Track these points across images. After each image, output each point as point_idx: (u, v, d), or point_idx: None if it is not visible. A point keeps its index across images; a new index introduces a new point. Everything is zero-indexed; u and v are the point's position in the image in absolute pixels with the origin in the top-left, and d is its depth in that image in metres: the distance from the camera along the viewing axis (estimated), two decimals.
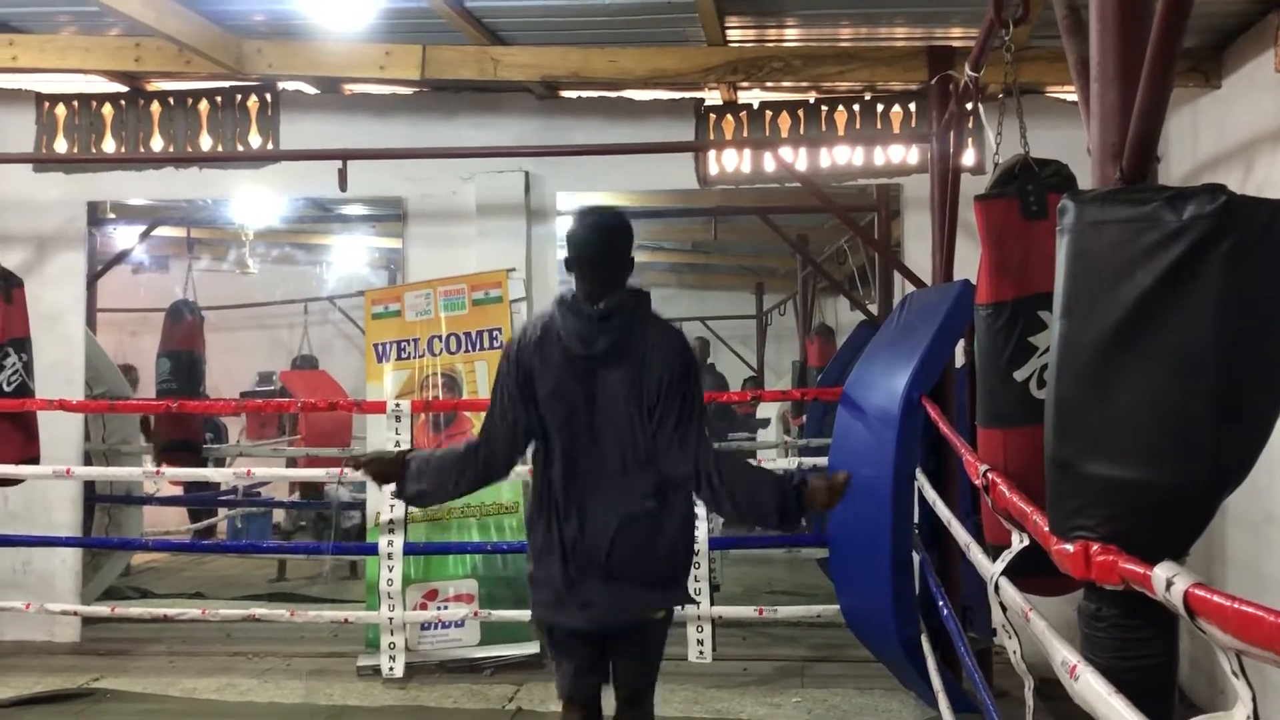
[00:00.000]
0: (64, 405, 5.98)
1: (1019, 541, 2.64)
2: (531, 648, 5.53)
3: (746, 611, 5.79)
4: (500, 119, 6.29)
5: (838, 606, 5.06)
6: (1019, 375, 2.91)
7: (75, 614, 6.13)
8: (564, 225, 4.87)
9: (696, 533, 5.22)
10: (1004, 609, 2.72)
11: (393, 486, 3.23)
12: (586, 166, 6.16)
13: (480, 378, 5.87)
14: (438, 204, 6.36)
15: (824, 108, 6.16)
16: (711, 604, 5.53)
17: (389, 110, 6.37)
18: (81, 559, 6.54)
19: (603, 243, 3.13)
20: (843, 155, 6.09)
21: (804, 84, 5.96)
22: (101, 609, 6.19)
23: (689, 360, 3.15)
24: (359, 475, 3.35)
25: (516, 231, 6.22)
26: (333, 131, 6.22)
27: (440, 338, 5.96)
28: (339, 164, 5.81)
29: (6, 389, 5.76)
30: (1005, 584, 2.67)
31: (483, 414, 5.69)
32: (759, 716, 4.98)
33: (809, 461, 6.12)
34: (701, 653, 5.43)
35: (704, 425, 3.09)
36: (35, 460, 5.85)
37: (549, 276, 6.28)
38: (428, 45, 5.81)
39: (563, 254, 3.35)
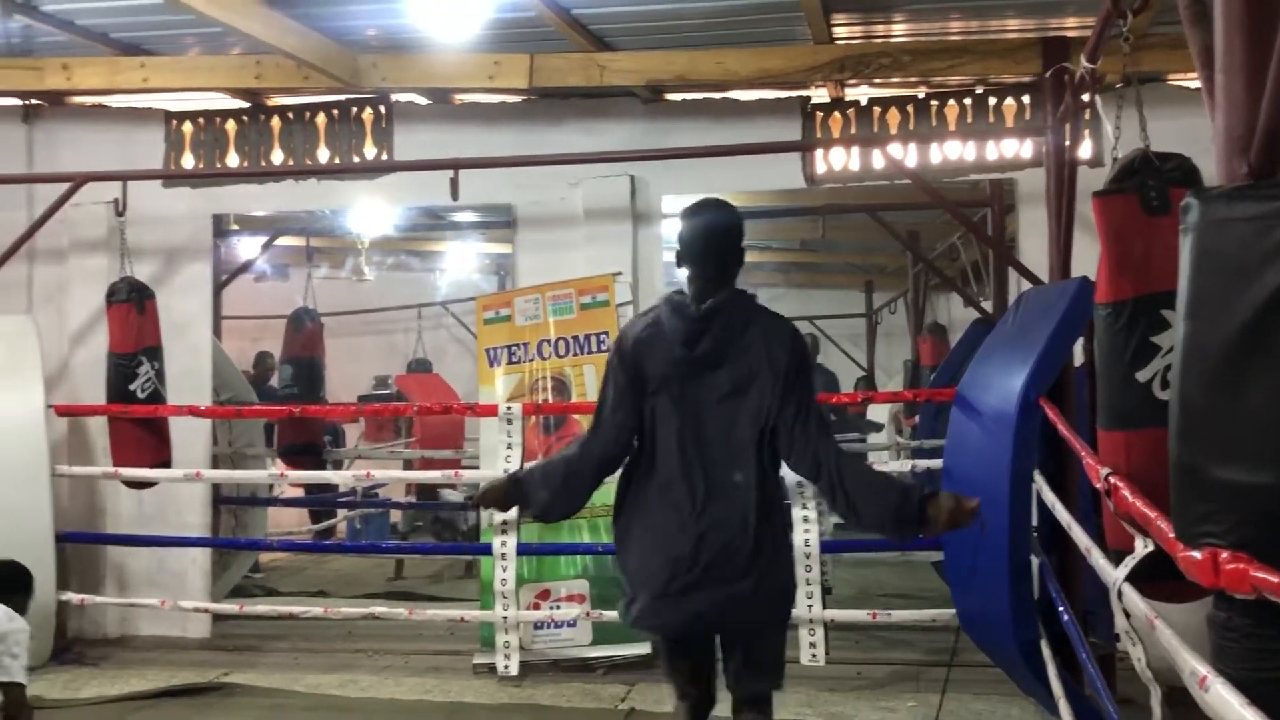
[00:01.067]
0: (193, 411, 6.24)
1: (1142, 547, 2.56)
2: (643, 648, 5.56)
3: (859, 615, 5.73)
4: (606, 124, 6.35)
5: (953, 610, 4.97)
6: (1141, 376, 2.82)
7: (206, 611, 6.38)
8: (670, 228, 4.90)
9: (808, 536, 5.20)
10: (1127, 616, 2.64)
11: (513, 511, 3.23)
12: (692, 168, 6.16)
13: (588, 381, 5.93)
14: (546, 210, 6.44)
15: (934, 103, 6.06)
16: (823, 607, 5.48)
17: (498, 118, 6.48)
18: (211, 558, 6.81)
19: (712, 239, 3.11)
20: (954, 150, 5.98)
21: (913, 79, 5.87)
22: (230, 606, 6.43)
23: (803, 353, 3.13)
24: (482, 511, 3.33)
25: (623, 235, 6.27)
26: (444, 141, 6.35)
27: (549, 341, 6.03)
28: (450, 173, 5.93)
29: (140, 396, 6.05)
30: (1129, 590, 2.59)
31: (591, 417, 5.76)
32: None
33: (922, 464, 6.02)
34: (814, 656, 5.39)
35: (823, 418, 3.06)
36: (167, 464, 6.13)
37: (655, 280, 6.31)
38: (535, 54, 5.90)
39: (669, 257, 3.35)
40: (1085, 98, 4.50)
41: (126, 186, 6.20)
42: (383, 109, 6.53)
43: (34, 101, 6.68)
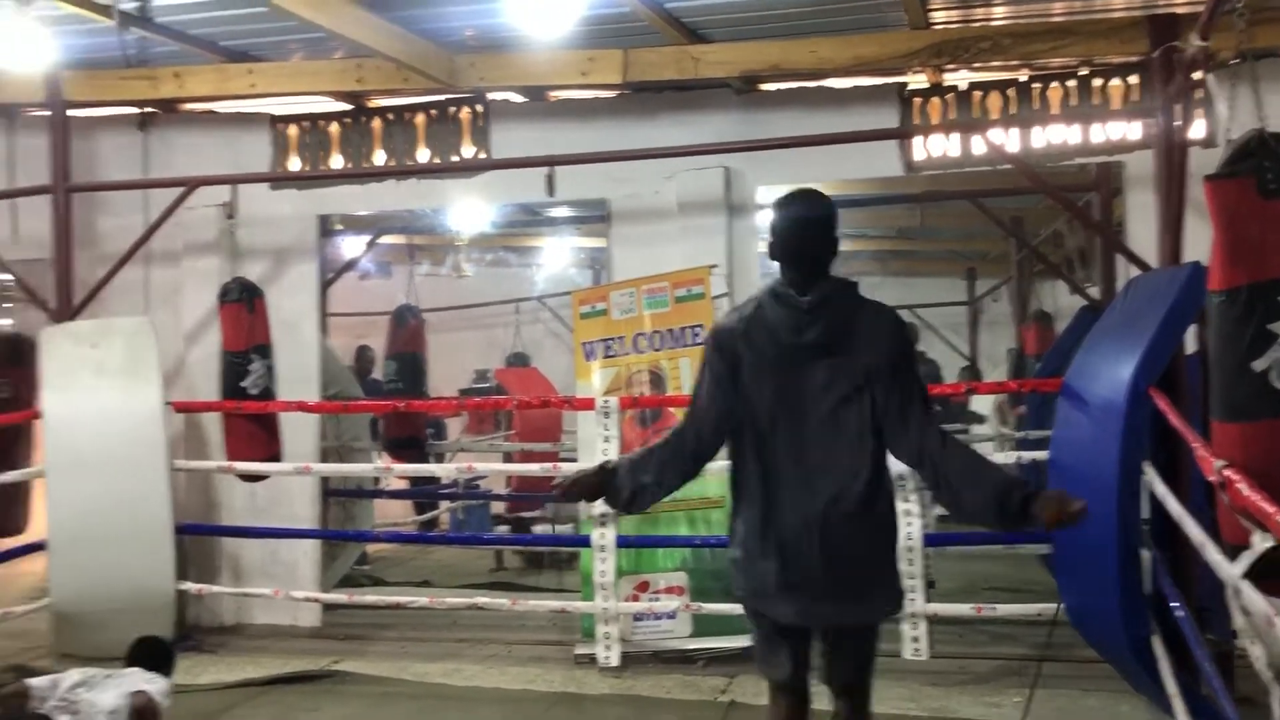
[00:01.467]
0: (302, 406, 6.43)
1: (1260, 543, 2.47)
2: (743, 640, 5.53)
3: (963, 609, 5.64)
4: (700, 116, 6.34)
5: (1061, 604, 4.86)
6: (1258, 365, 2.72)
7: (316, 600, 6.57)
8: (764, 219, 4.87)
9: (910, 529, 5.14)
10: (1245, 614, 2.56)
11: (600, 503, 3.25)
12: (787, 159, 6.11)
13: (684, 374, 5.94)
14: (640, 204, 6.47)
15: (1036, 85, 5.91)
16: (926, 600, 5.41)
17: (592, 114, 6.52)
18: (320, 549, 7.01)
19: (806, 231, 3.08)
20: (1058, 134, 5.82)
21: (1014, 62, 5.74)
22: (340, 596, 6.61)
23: (906, 341, 3.10)
24: (569, 500, 3.33)
25: (717, 228, 6.26)
26: (539, 138, 6.42)
27: (645, 335, 6.06)
28: (546, 170, 5.99)
29: (252, 392, 6.25)
30: (1247, 588, 2.51)
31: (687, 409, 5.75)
32: (977, 716, 4.84)
33: (1027, 456, 5.90)
34: (917, 650, 5.31)
35: (928, 405, 3.02)
36: (278, 458, 6.33)
37: (750, 271, 6.29)
38: (629, 49, 5.92)
39: (763, 248, 3.33)
40: (1196, 76, 4.35)
41: (236, 190, 6.41)
42: (480, 108, 6.62)
43: (149, 110, 6.93)
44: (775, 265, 3.13)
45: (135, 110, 6.94)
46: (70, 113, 6.58)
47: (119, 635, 4.72)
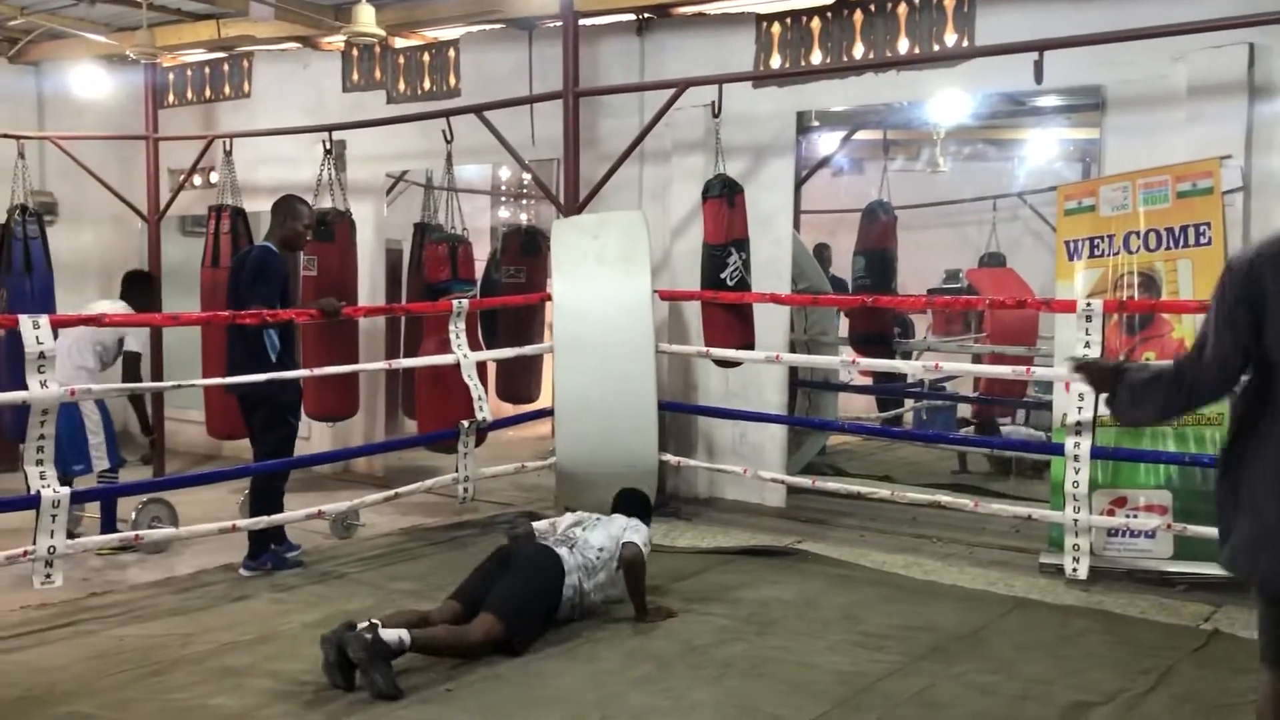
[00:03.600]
0: (774, 299, 6.70)
1: None
2: None
3: None
4: None
5: None
6: None
7: (781, 482, 6.90)
8: None
9: None
10: None
11: (1103, 396, 3.00)
12: None
13: (1182, 278, 5.42)
14: (1140, 89, 5.92)
15: None
16: None
17: None
18: (786, 436, 7.33)
19: None
20: None
21: None
22: (803, 481, 6.88)
23: None
24: (1074, 376, 3.11)
25: (1235, 113, 5.58)
26: (1028, 22, 6.06)
27: (1138, 234, 5.59)
28: (1034, 55, 5.65)
29: (729, 284, 6.60)
30: None
31: (1182, 317, 5.27)
32: None
33: None
34: None
35: None
36: (750, 346, 6.66)
37: (1273, 163, 5.56)
38: None
39: None
40: None
41: (721, 89, 6.69)
42: None
43: (646, 15, 7.39)
44: None
45: (633, 17, 7.42)
46: (580, 23, 7.18)
47: (609, 494, 5.30)
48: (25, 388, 4.62)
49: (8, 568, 4.54)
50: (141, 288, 6.79)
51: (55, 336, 4.78)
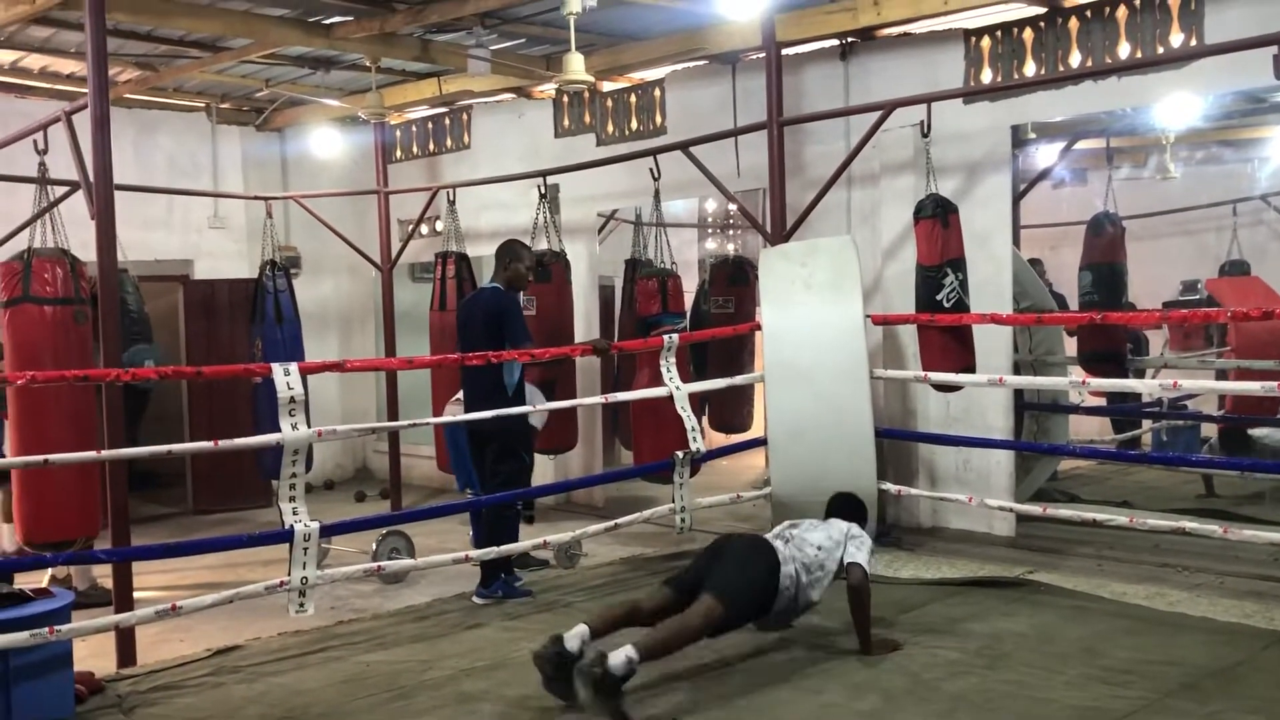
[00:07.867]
0: (995, 319, 6.47)
1: None
2: None
3: None
4: None
5: None
6: None
7: (1010, 510, 6.62)
8: None
9: None
10: None
11: None
12: None
13: None
14: None
15: None
16: None
17: None
18: (1013, 461, 7.04)
19: None
20: None
21: None
22: (1034, 508, 6.58)
23: None
24: None
25: None
26: (1261, 15, 5.66)
27: None
28: (1273, 50, 5.27)
29: (946, 305, 6.43)
30: None
31: None
32: None
33: None
34: None
35: None
36: (971, 369, 6.45)
37: None
38: None
39: None
40: None
41: (930, 108, 6.56)
42: None
43: (850, 40, 7.35)
44: None
45: (836, 43, 7.39)
46: (782, 52, 7.21)
47: None
48: (279, 430, 4.99)
49: (266, 597, 4.89)
50: None
51: (304, 382, 5.15)
